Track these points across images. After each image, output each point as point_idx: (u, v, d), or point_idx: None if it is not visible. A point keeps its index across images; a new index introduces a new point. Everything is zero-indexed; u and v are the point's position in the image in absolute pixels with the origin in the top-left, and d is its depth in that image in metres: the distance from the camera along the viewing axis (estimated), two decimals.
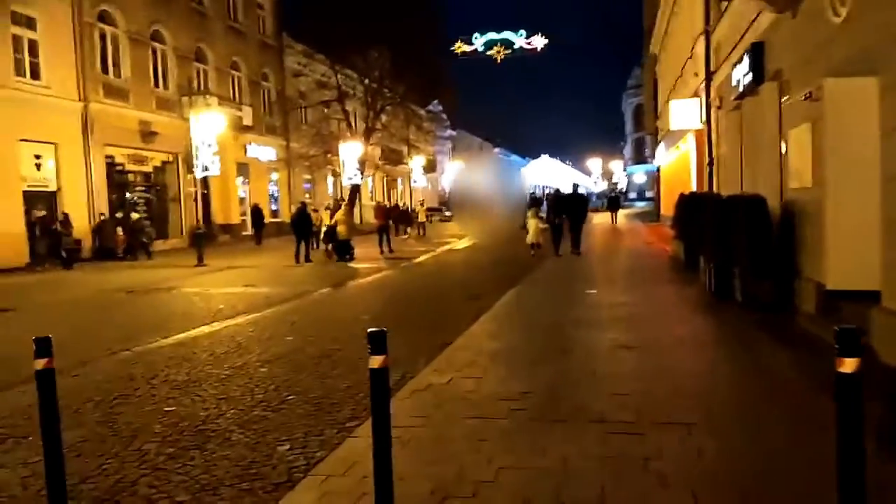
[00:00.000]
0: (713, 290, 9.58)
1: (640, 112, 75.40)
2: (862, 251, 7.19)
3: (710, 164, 16.34)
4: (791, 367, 5.87)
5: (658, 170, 36.84)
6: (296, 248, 19.02)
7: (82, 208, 22.84)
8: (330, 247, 19.73)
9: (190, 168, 19.04)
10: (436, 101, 54.35)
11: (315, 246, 21.23)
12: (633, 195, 76.86)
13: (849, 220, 7.28)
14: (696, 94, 18.80)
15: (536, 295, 10.94)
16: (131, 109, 25.29)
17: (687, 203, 13.88)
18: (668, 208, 31.13)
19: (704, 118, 17.29)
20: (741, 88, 12.27)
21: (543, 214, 19.37)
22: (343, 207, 20.50)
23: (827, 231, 7.45)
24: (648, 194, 62.43)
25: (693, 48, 18.92)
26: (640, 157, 78.42)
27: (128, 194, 25.90)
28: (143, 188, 27.05)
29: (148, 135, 25.95)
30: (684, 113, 18.58)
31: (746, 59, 11.56)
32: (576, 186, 20.00)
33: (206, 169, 18.75)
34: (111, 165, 24.79)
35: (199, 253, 19.07)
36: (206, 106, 19.89)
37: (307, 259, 18.87)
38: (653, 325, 7.84)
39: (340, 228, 19.08)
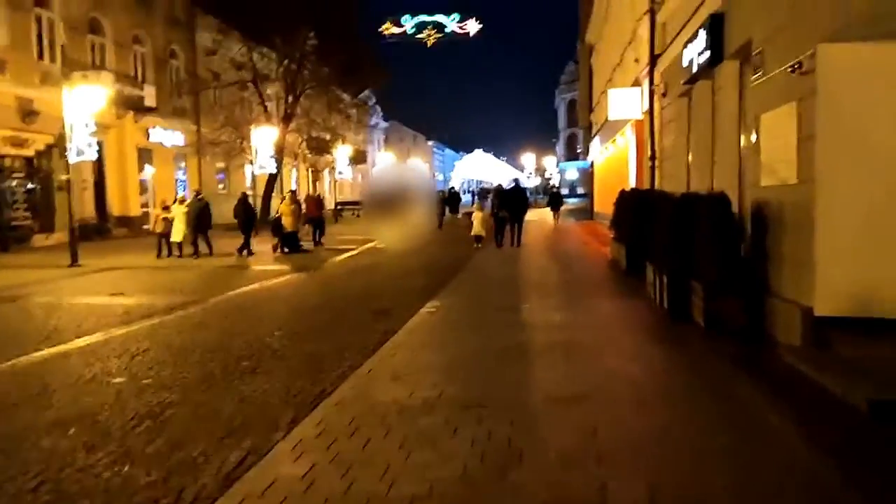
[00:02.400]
0: (668, 307, 7.94)
1: (573, 107, 74.99)
2: (864, 267, 5.63)
3: (652, 158, 14.89)
4: (803, 439, 4.16)
5: (591, 165, 35.75)
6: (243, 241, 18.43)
7: None
8: (277, 240, 19.25)
9: (63, 152, 16.26)
10: (368, 91, 51.92)
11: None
12: (565, 191, 76.43)
13: (847, 226, 5.70)
14: (636, 83, 17.40)
15: (458, 309, 9.07)
16: (8, 84, 22.04)
17: (629, 202, 12.33)
18: (602, 206, 29.98)
19: (646, 107, 15.85)
20: (694, 69, 10.74)
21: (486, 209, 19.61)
22: (286, 199, 19.70)
23: (817, 240, 5.86)
24: (580, 191, 61.93)
25: (635, 31, 17.50)
26: (572, 154, 78.25)
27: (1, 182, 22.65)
28: (23, 175, 23.76)
29: (29, 114, 22.74)
30: (624, 102, 17.14)
31: (702, 35, 10.02)
32: (516, 181, 20.92)
33: (80, 153, 16.03)
34: None
35: (72, 250, 16.40)
36: (83, 79, 17.10)
37: (249, 252, 18.30)
38: (599, 360, 6.07)
39: (286, 220, 18.79)
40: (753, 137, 7.77)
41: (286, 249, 18.77)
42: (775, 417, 4.55)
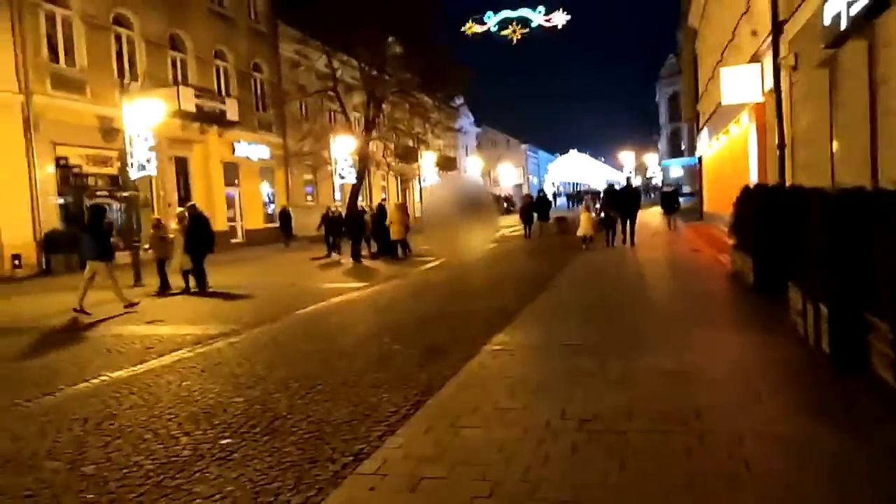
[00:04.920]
0: (829, 350, 5.56)
1: (675, 101, 70.46)
2: None
3: (781, 146, 12.19)
4: None
5: (699, 161, 32.38)
6: (352, 247, 19.36)
7: (24, 217, 19.63)
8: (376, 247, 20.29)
9: (123, 167, 15.57)
10: (459, 98, 50.35)
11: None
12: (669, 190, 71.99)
13: None
14: (755, 60, 14.66)
15: (531, 349, 7.03)
16: (88, 104, 21.97)
17: (756, 201, 9.80)
18: (713, 205, 26.80)
19: (769, 86, 13.14)
20: (841, 26, 8.20)
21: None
22: (394, 207, 20.65)
23: None
24: (686, 189, 57.53)
25: (750, 0, 14.78)
26: (675, 151, 73.64)
27: (87, 201, 22.61)
28: (107, 193, 23.71)
29: (109, 132, 22.57)
30: (740, 83, 14.41)
31: None
32: (628, 180, 22.82)
33: (142, 168, 15.24)
34: (65, 168, 21.54)
35: (135, 270, 15.62)
36: (139, 91, 16.38)
37: (358, 259, 18.89)
38: (738, 453, 3.88)
39: (393, 228, 19.42)
40: None
41: (385, 255, 19.47)
42: None
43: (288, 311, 10.67)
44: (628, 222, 17.99)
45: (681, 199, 28.27)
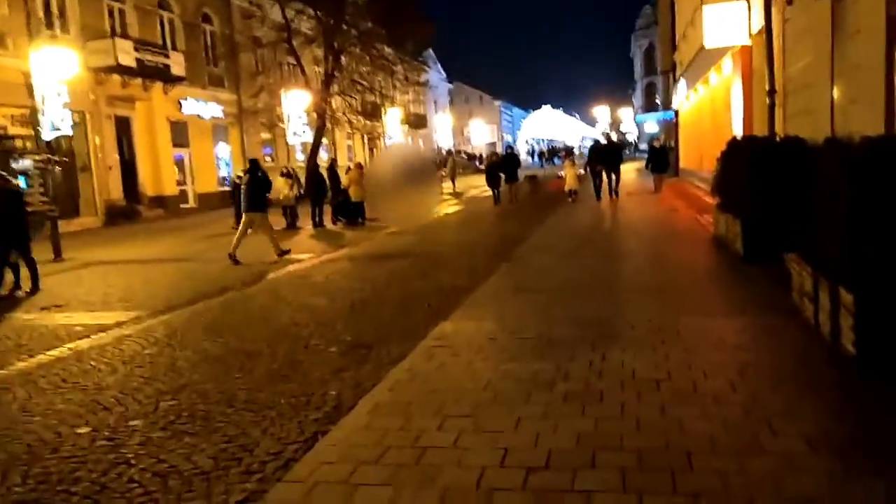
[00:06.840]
0: (855, 350, 4.27)
1: (651, 54, 68.61)
2: None
3: (772, 92, 10.82)
4: None
5: (676, 115, 31.00)
6: (311, 212, 18.21)
7: None
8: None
9: (34, 128, 13.78)
10: (428, 51, 48.06)
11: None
12: (644, 146, 70.66)
13: None
14: None
15: (479, 343, 5.69)
16: (9, 57, 19.81)
17: (746, 155, 8.45)
18: (690, 161, 25.59)
19: (757, 27, 11.71)
20: None
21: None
22: (354, 169, 19.13)
23: None
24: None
25: None
26: (650, 104, 72.07)
27: (13, 163, 20.72)
28: (38, 156, 21.67)
29: None
30: (724, 23, 12.93)
31: None
32: (608, 136, 23.40)
33: (55, 128, 13.45)
34: None
35: (54, 244, 13.97)
36: (48, 40, 14.43)
37: (320, 224, 18.01)
38: None
39: (353, 190, 18.17)
40: None
41: (341, 219, 18.35)
42: None
43: (209, 291, 9.23)
44: (613, 175, 18.91)
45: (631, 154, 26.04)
